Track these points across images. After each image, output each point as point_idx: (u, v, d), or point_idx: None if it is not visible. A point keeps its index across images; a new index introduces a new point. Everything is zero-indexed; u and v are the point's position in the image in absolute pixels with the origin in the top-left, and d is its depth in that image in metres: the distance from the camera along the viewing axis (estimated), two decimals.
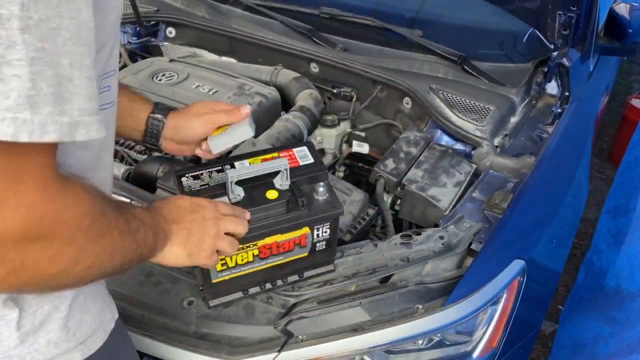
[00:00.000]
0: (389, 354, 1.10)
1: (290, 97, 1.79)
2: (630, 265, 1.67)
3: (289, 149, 1.10)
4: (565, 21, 1.66)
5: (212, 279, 1.04)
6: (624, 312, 1.60)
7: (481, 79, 1.66)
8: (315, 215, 1.03)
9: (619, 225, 1.99)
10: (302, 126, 1.65)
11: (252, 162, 1.05)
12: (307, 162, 1.09)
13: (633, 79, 4.11)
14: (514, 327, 1.19)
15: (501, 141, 1.56)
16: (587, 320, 1.79)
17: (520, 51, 1.86)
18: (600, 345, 1.62)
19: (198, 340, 1.10)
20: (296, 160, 1.08)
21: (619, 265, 1.77)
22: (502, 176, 1.44)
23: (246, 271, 1.05)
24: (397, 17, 1.93)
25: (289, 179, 1.03)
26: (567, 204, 1.57)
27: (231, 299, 1.10)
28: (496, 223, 1.24)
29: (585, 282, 2.03)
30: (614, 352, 1.48)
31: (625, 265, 1.71)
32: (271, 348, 1.06)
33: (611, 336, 1.59)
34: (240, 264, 1.03)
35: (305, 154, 1.10)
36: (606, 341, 1.60)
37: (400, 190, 1.43)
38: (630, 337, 1.44)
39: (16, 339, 0.68)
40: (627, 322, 1.54)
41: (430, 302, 1.11)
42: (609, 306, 1.71)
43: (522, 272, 1.18)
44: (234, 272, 1.04)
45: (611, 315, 1.67)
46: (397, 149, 1.51)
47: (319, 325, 1.10)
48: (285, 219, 1.01)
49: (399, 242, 1.22)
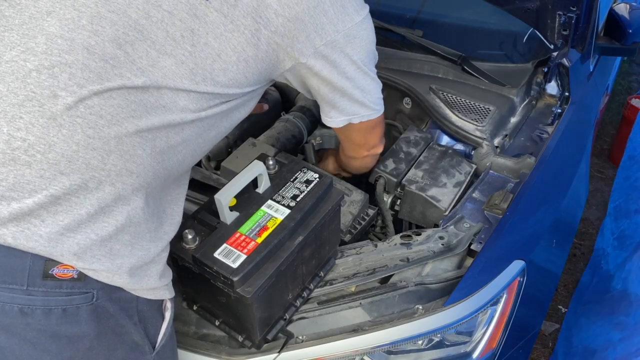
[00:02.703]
0: (389, 355, 1.10)
1: (291, 97, 1.79)
2: (638, 269, 1.67)
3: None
4: (565, 21, 1.66)
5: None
6: (632, 317, 1.60)
7: (481, 79, 1.66)
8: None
9: (621, 227, 1.99)
10: (302, 126, 1.65)
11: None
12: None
13: (633, 79, 4.11)
14: (514, 328, 1.19)
15: (501, 141, 1.56)
16: (596, 325, 1.78)
17: (520, 51, 1.86)
18: (609, 351, 1.62)
19: (198, 340, 1.11)
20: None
21: (628, 269, 1.77)
22: (502, 176, 1.44)
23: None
24: (397, 17, 1.93)
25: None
26: (567, 204, 1.57)
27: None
28: (496, 223, 1.25)
29: (592, 285, 2.02)
30: (623, 357, 1.48)
31: (635, 270, 1.70)
32: (271, 348, 1.06)
33: (620, 341, 1.59)
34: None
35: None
36: (615, 346, 1.60)
37: (400, 191, 1.43)
38: (639, 342, 1.44)
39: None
40: (635, 326, 1.54)
41: (430, 303, 1.11)
42: (617, 310, 1.71)
43: (522, 273, 1.18)
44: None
45: (620, 320, 1.67)
46: (397, 149, 1.51)
47: (319, 326, 1.10)
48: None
49: (399, 243, 1.22)
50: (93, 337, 0.83)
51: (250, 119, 1.65)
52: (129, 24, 0.81)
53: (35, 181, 0.76)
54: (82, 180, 0.78)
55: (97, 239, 0.80)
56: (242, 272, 0.91)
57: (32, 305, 0.78)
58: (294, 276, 1.06)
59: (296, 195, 1.05)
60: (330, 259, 1.19)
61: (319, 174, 1.10)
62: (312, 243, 1.07)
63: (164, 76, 0.84)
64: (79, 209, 0.79)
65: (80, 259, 0.79)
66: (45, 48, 0.77)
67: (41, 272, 0.77)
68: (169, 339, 0.97)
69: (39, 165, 0.76)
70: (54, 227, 0.77)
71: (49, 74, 0.76)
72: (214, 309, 1.09)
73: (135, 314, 0.88)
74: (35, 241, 0.76)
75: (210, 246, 0.96)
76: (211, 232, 0.99)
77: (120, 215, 0.83)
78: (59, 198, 0.77)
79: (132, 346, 0.90)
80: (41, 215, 0.77)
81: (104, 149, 0.80)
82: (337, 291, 1.15)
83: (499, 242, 1.21)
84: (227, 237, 0.97)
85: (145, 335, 0.91)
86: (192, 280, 1.03)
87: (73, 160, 0.78)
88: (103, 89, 0.79)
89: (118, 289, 0.85)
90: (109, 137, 0.80)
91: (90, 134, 0.78)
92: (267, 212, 1.02)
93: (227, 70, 0.91)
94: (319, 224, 1.05)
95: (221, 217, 1.00)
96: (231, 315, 1.04)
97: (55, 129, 0.76)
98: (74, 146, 0.77)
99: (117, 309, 0.85)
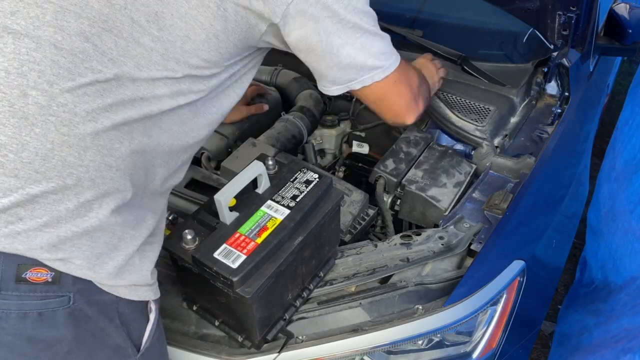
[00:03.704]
0: (389, 355, 1.10)
1: (291, 97, 1.79)
2: (613, 257, 1.66)
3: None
4: (565, 21, 1.66)
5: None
6: (608, 303, 1.59)
7: (481, 79, 1.66)
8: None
9: (592, 217, 2.00)
10: (302, 126, 1.66)
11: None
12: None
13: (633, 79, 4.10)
14: (514, 328, 1.19)
15: (501, 141, 1.56)
16: (576, 313, 1.78)
17: (520, 51, 1.86)
18: (585, 336, 1.61)
19: (198, 340, 1.11)
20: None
21: (602, 258, 1.76)
22: (502, 176, 1.44)
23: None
24: (397, 17, 1.93)
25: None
26: (567, 204, 1.57)
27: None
28: (496, 223, 1.24)
29: (580, 279, 2.03)
30: (599, 343, 1.47)
31: (608, 258, 1.70)
32: (271, 348, 1.06)
33: (595, 327, 1.58)
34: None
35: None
36: (591, 332, 1.59)
37: (400, 191, 1.43)
38: (616, 329, 1.43)
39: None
40: (611, 313, 1.53)
41: (430, 303, 1.11)
42: (597, 299, 1.71)
43: (522, 273, 1.18)
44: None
45: (597, 307, 1.66)
46: (397, 149, 1.51)
47: (319, 326, 1.10)
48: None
49: (398, 243, 1.22)
50: (71, 341, 0.82)
51: (251, 119, 1.65)
52: (93, 15, 0.80)
53: (10, 181, 0.76)
54: (59, 178, 0.78)
55: (78, 231, 0.80)
56: (241, 273, 0.91)
57: (7, 310, 0.77)
58: (294, 276, 1.06)
59: (296, 195, 1.05)
60: (330, 259, 1.19)
61: (318, 174, 1.10)
62: (312, 243, 1.07)
63: (137, 65, 0.83)
64: (57, 205, 0.79)
65: (60, 250, 0.79)
66: (13, 48, 0.76)
67: (14, 276, 0.77)
68: (156, 341, 0.95)
69: (12, 164, 0.76)
70: (33, 224, 0.77)
71: (17, 74, 0.76)
72: (213, 309, 1.09)
73: (117, 316, 0.87)
74: (12, 237, 0.76)
75: (209, 246, 0.96)
76: (211, 232, 0.99)
77: (101, 209, 0.82)
78: (36, 196, 0.77)
79: (114, 349, 0.88)
80: (18, 213, 0.77)
81: (80, 146, 0.79)
82: (337, 291, 1.15)
83: (499, 242, 1.21)
84: (226, 237, 0.97)
85: (128, 337, 0.89)
86: (192, 280, 1.03)
87: (48, 158, 0.77)
88: (75, 85, 0.78)
89: (96, 291, 0.83)
90: (85, 134, 0.80)
91: (65, 132, 0.78)
92: (266, 213, 1.02)
93: (199, 50, 0.88)
94: (319, 224, 1.05)
95: (221, 218, 1.00)
96: (231, 315, 1.04)
97: (27, 128, 0.76)
98: (48, 145, 0.77)
99: (96, 311, 0.84)
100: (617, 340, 1.37)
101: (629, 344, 1.29)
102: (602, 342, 1.46)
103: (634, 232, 1.52)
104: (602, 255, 1.76)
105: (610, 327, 1.47)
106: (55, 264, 0.79)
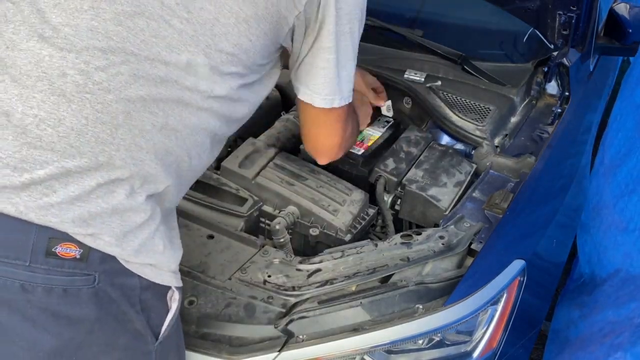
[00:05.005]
0: (390, 354, 1.10)
1: (291, 97, 1.79)
2: (597, 251, 1.66)
3: None
4: (565, 21, 1.66)
5: None
6: (593, 296, 1.58)
7: (481, 78, 1.66)
8: None
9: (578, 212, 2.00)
10: None
11: None
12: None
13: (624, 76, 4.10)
14: (514, 327, 1.19)
15: (501, 141, 1.56)
16: (564, 308, 1.78)
17: (520, 51, 1.86)
18: (571, 330, 1.60)
19: (198, 340, 1.10)
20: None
21: (588, 252, 1.76)
22: (503, 176, 1.44)
23: None
24: (397, 17, 1.93)
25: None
26: (568, 204, 1.57)
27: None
28: (496, 223, 1.24)
29: (571, 274, 2.03)
30: (586, 337, 1.46)
31: (594, 252, 1.70)
32: (271, 348, 1.06)
33: (580, 319, 1.57)
34: None
35: None
36: (576, 325, 1.58)
37: (401, 190, 1.43)
38: (601, 321, 1.42)
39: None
40: (595, 304, 1.52)
41: (430, 302, 1.11)
42: (583, 292, 1.71)
43: (523, 272, 1.18)
44: None
45: (582, 299, 1.66)
46: (397, 148, 1.51)
47: (320, 325, 1.10)
48: None
49: (399, 242, 1.22)
50: (94, 321, 0.84)
51: (251, 119, 1.65)
52: (126, 0, 0.84)
53: (47, 154, 0.80)
54: (92, 154, 0.82)
55: (109, 208, 0.83)
56: None
57: (34, 282, 0.79)
58: None
59: None
60: None
61: None
62: None
63: (168, 46, 0.86)
64: (89, 180, 0.82)
65: (90, 225, 0.81)
66: (55, 36, 0.82)
67: (44, 249, 0.79)
68: (174, 332, 0.96)
69: (50, 138, 0.80)
70: (65, 197, 0.80)
71: (59, 57, 0.82)
72: None
73: (138, 302, 0.88)
74: (46, 210, 0.79)
75: None
76: None
77: (132, 190, 0.85)
78: (70, 170, 0.81)
79: (135, 334, 0.90)
80: (53, 185, 0.80)
81: (112, 124, 0.83)
82: (338, 290, 1.15)
83: (499, 241, 1.21)
84: None
85: (148, 324, 0.90)
86: None
87: (82, 133, 0.81)
88: (108, 63, 0.83)
89: (121, 273, 0.85)
90: (117, 112, 0.84)
91: (99, 109, 0.82)
92: None
93: (229, 33, 0.90)
94: None
95: None
96: None
97: (65, 104, 0.81)
98: (83, 120, 0.82)
99: (119, 294, 0.85)
100: (604, 334, 1.36)
101: (617, 339, 1.28)
102: (589, 336, 1.45)
103: (617, 224, 1.52)
104: (588, 249, 1.76)
105: (595, 320, 1.47)
106: (85, 239, 0.81)
